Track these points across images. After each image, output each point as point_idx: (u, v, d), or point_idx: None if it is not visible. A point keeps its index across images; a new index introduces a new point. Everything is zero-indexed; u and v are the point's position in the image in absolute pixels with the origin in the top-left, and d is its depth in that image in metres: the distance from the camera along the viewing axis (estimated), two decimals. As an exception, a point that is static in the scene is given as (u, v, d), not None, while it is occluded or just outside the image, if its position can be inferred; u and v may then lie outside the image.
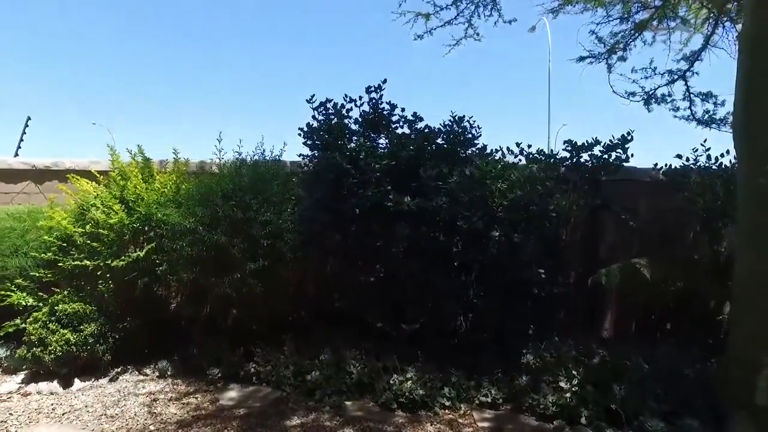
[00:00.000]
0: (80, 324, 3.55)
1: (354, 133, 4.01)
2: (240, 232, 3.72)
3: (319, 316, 4.14)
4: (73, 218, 4.08)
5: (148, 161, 4.34)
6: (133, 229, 3.91)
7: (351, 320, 4.02)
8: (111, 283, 3.85)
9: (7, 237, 4.22)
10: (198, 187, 3.94)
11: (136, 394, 3.37)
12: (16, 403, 3.23)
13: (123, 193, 4.03)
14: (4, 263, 4.07)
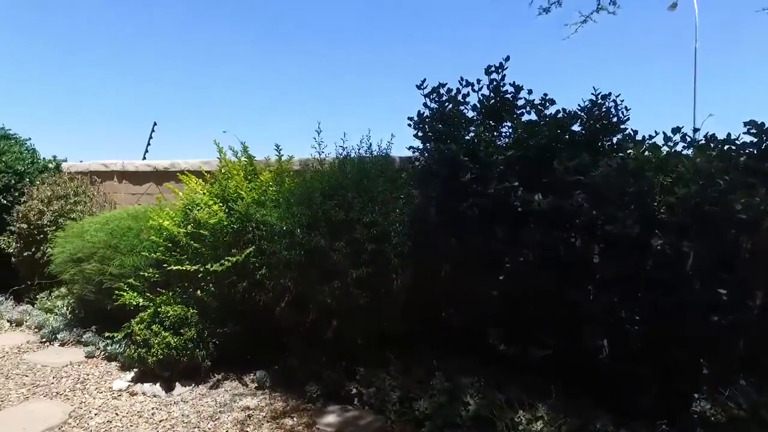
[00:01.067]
0: (181, 327, 3.62)
1: (471, 122, 3.63)
2: (341, 235, 3.53)
3: (429, 331, 3.80)
4: (180, 218, 4.23)
5: (251, 159, 4.38)
6: (233, 230, 3.92)
7: (466, 339, 3.61)
8: (212, 286, 3.91)
9: (126, 236, 4.52)
10: (297, 186, 3.84)
11: (232, 408, 3.32)
12: (123, 402, 3.37)
13: (224, 192, 4.08)
14: (122, 262, 4.34)
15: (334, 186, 3.65)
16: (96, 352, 4.23)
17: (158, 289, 4.06)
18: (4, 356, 4.22)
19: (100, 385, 3.62)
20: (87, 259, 4.49)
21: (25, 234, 5.63)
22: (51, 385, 3.61)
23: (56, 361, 4.09)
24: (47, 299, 5.42)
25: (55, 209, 5.65)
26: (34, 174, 6.26)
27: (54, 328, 4.70)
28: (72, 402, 3.34)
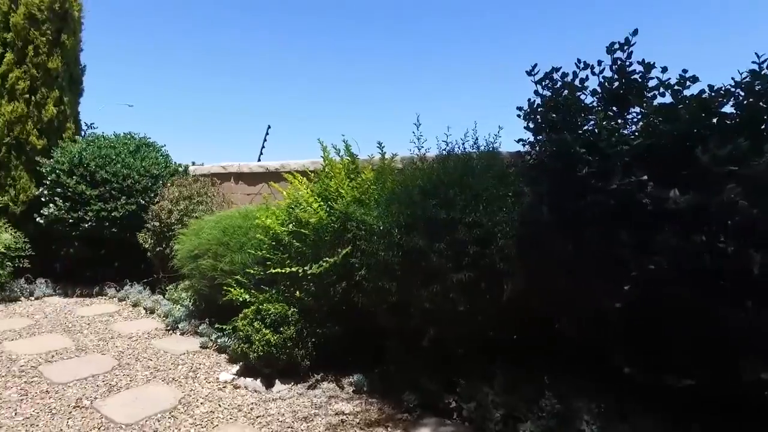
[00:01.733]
0: (281, 326, 3.73)
1: (589, 109, 3.25)
2: (442, 236, 3.37)
3: (538, 345, 3.49)
4: (284, 217, 4.40)
5: (353, 157, 4.41)
6: (334, 230, 3.97)
7: (582, 355, 3.24)
8: (312, 286, 3.99)
9: (236, 234, 4.83)
10: (396, 183, 3.77)
11: (327, 411, 3.35)
12: (227, 395, 3.56)
13: (326, 191, 4.15)
14: (231, 259, 4.64)
15: (435, 183, 3.51)
16: (209, 344, 4.57)
17: (262, 286, 4.27)
18: (137, 340, 4.74)
19: (209, 376, 3.88)
20: (202, 255, 4.88)
21: (157, 231, 6.31)
22: (169, 371, 3.96)
23: (175, 349, 4.49)
24: (174, 291, 6.01)
25: (181, 208, 6.25)
26: (166, 177, 7.00)
27: (176, 318, 5.19)
28: (183, 389, 3.62)
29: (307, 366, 3.83)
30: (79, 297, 6.40)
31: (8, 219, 6.48)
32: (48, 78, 6.65)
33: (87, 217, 6.27)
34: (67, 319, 5.37)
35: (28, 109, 6.53)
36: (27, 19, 6.45)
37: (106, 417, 3.16)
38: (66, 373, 3.87)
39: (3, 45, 6.49)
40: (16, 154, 6.55)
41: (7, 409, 3.27)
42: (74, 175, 6.31)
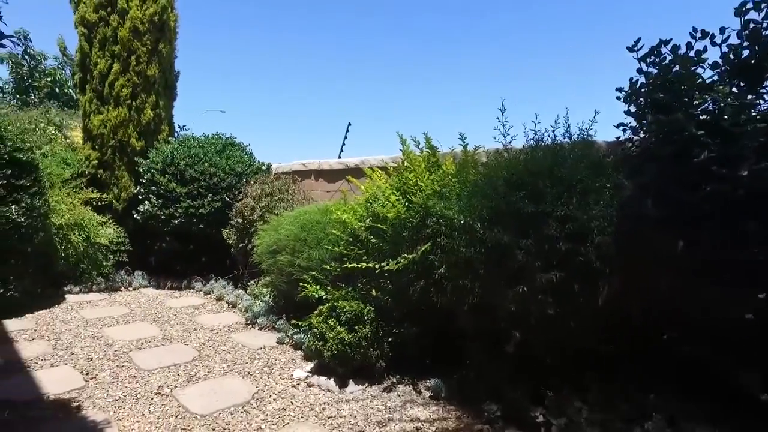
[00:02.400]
0: (356, 324, 3.61)
1: (707, 87, 2.80)
2: (529, 231, 3.08)
3: (641, 357, 3.07)
4: (361, 212, 4.29)
5: (433, 150, 4.22)
6: (412, 225, 3.79)
7: (695, 371, 2.80)
8: (389, 283, 3.84)
9: (313, 230, 4.80)
10: (479, 175, 3.51)
11: (402, 416, 3.17)
12: (300, 392, 3.49)
13: (404, 184, 3.99)
14: (309, 254, 4.61)
15: (522, 173, 3.22)
16: (285, 339, 4.57)
17: (338, 283, 4.19)
18: (218, 333, 4.86)
19: (284, 372, 3.85)
20: (281, 250, 4.91)
21: (240, 227, 6.50)
22: (245, 365, 3.99)
23: (253, 343, 4.54)
24: (255, 287, 6.15)
25: (263, 205, 6.39)
26: (250, 175, 7.21)
27: (255, 313, 5.27)
28: (257, 384, 3.61)
29: (383, 367, 3.68)
30: (170, 289, 6.76)
31: (112, 215, 6.99)
32: (147, 84, 7.12)
33: (177, 214, 6.61)
34: (157, 309, 5.66)
35: (129, 114, 7.03)
36: (131, 32, 6.93)
37: (183, 406, 3.21)
38: (152, 360, 4.03)
39: (112, 56, 7.03)
40: (119, 155, 7.08)
41: (101, 390, 3.44)
42: (166, 174, 6.68)
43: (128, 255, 6.89)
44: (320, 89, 63.41)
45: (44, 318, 5.11)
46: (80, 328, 4.81)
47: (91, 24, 6.98)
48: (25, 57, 14.16)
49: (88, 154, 7.09)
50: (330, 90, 67.19)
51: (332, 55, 64.29)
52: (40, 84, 13.89)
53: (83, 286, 6.31)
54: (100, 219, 6.70)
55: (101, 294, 6.31)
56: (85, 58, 7.09)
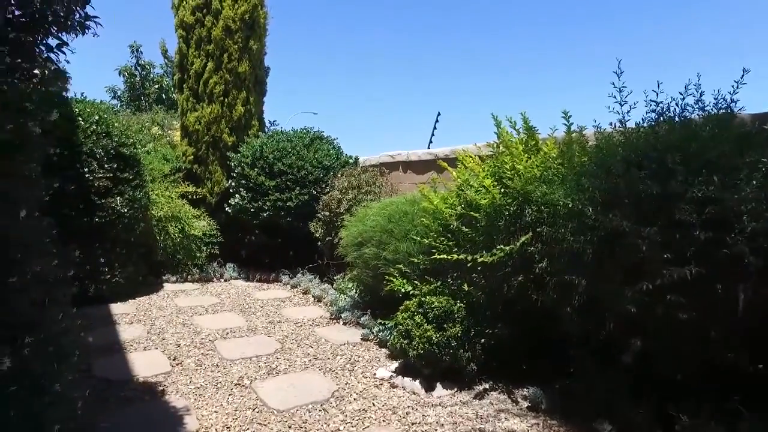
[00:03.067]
0: (445, 322, 3.30)
1: None
2: (654, 217, 2.57)
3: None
4: (452, 200, 3.97)
5: (532, 131, 3.78)
6: (508, 213, 3.40)
7: None
8: (482, 277, 3.48)
9: (401, 221, 4.55)
10: (587, 155, 3.04)
11: (494, 428, 2.83)
12: (382, 393, 3.25)
13: (500, 169, 3.59)
14: (396, 247, 4.36)
15: (643, 148, 2.71)
16: (370, 336, 4.36)
17: (426, 277, 3.90)
18: (302, 326, 4.77)
19: (366, 370, 3.63)
20: (366, 243, 4.71)
21: (327, 220, 6.43)
22: (327, 360, 3.82)
23: (336, 339, 4.38)
24: (342, 281, 6.03)
25: (349, 198, 6.26)
26: (337, 168, 7.14)
27: (340, 308, 5.13)
28: (338, 381, 3.41)
29: (474, 371, 3.32)
30: (258, 282, 6.86)
31: (206, 208, 7.26)
32: (238, 81, 7.31)
33: (265, 207, 6.68)
34: (245, 301, 5.72)
35: (221, 110, 7.26)
36: (224, 30, 7.15)
37: (260, 399, 3.09)
38: (235, 350, 3.99)
39: (206, 56, 7.31)
40: (212, 150, 7.33)
41: (184, 377, 3.43)
42: (255, 168, 6.79)
43: (220, 247, 7.11)
44: (409, 84, 63.76)
45: (143, 304, 5.35)
46: (173, 315, 4.96)
47: (188, 26, 7.29)
48: (137, 68, 15.54)
49: (185, 150, 7.42)
50: (419, 84, 67.39)
51: (420, 49, 64.39)
52: (149, 91, 15.15)
53: (179, 275, 6.59)
54: (194, 212, 6.97)
55: (195, 284, 6.55)
56: (183, 59, 7.43)
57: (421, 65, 67.30)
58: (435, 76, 68.27)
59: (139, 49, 15.60)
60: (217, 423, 2.77)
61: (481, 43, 68.43)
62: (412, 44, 64.28)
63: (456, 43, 71.24)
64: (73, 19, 2.22)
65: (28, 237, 2.06)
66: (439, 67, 67.61)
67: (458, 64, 68.74)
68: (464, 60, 70.81)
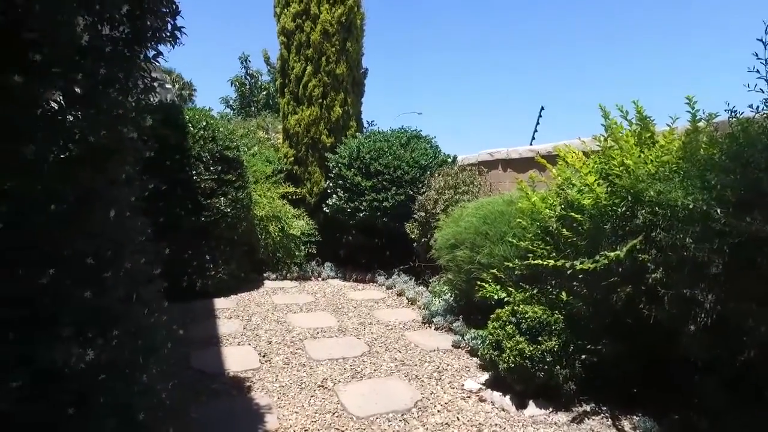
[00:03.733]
0: (539, 334, 3.00)
1: None
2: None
3: None
4: (552, 200, 3.64)
5: (646, 121, 3.32)
6: (616, 215, 3.01)
7: None
8: (584, 286, 3.13)
9: (496, 222, 4.29)
10: (720, 146, 2.57)
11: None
12: (469, 407, 3.04)
13: (607, 165, 3.20)
14: (490, 250, 4.12)
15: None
16: (461, 343, 4.15)
17: (522, 284, 3.61)
18: (392, 329, 4.69)
19: (454, 380, 3.43)
20: (459, 245, 4.50)
21: (423, 221, 6.30)
22: (413, 367, 3.68)
23: (426, 344, 4.22)
24: (437, 283, 5.87)
25: (445, 198, 6.08)
26: (434, 167, 6.98)
27: (432, 312, 4.97)
28: (423, 390, 3.25)
29: (572, 391, 2.98)
30: (354, 282, 6.91)
31: (305, 209, 7.50)
32: (335, 83, 7.45)
33: (362, 207, 6.72)
34: (339, 300, 5.78)
35: (320, 112, 7.44)
36: (322, 34, 7.33)
37: (341, 403, 3.03)
38: (323, 350, 4.00)
39: (305, 60, 7.55)
40: (311, 151, 7.55)
41: (271, 374, 3.50)
42: (352, 168, 6.85)
43: (318, 247, 7.29)
44: (510, 80, 61.53)
45: (243, 300, 5.62)
46: (269, 312, 5.13)
47: (289, 32, 7.58)
48: (246, 77, 16.72)
49: (286, 152, 7.72)
50: (520, 80, 64.77)
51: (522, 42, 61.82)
52: (257, 98, 16.20)
53: (279, 273, 6.85)
54: (294, 212, 7.22)
55: (293, 282, 6.76)
56: (284, 64, 7.74)
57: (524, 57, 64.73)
58: (538, 69, 65.31)
59: (248, 59, 16.82)
60: (296, 424, 2.76)
61: (590, 30, 64.13)
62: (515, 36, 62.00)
63: (564, 31, 67.43)
64: (166, 31, 2.33)
65: (119, 236, 2.18)
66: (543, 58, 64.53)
67: (564, 53, 64.98)
68: (571, 49, 66.71)
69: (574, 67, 64.64)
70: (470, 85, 67.38)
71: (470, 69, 68.04)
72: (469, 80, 66.72)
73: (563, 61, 65.94)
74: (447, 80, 67.68)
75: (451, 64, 64.95)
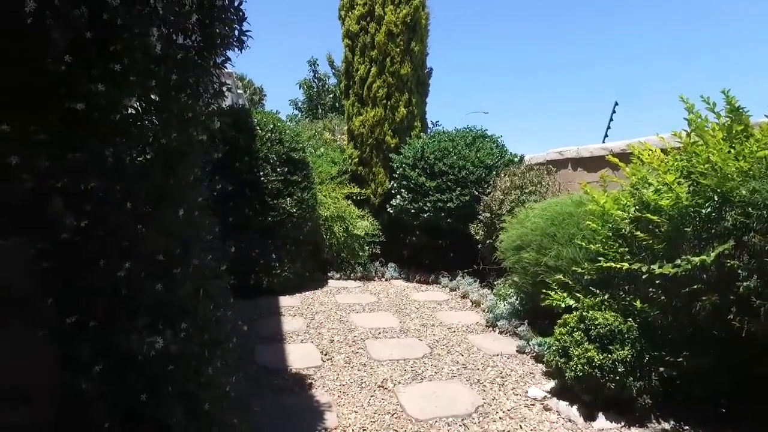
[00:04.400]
0: (611, 342, 2.81)
1: None
2: None
3: None
4: (626, 200, 3.42)
5: (738, 112, 3.03)
6: (699, 217, 2.77)
7: None
8: (661, 293, 2.90)
9: (565, 223, 4.10)
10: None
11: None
12: (533, 415, 2.92)
13: (689, 162, 2.96)
14: (558, 252, 3.94)
15: None
16: (526, 348, 3.99)
17: (592, 288, 3.41)
18: (455, 332, 4.60)
19: (517, 387, 3.29)
20: (525, 246, 4.34)
21: (488, 222, 6.15)
22: (476, 371, 3.58)
23: (489, 348, 4.10)
24: (502, 286, 5.71)
25: (512, 199, 5.90)
26: (500, 167, 6.80)
27: (497, 315, 4.82)
28: (485, 396, 3.14)
29: (647, 405, 2.76)
30: (417, 283, 6.86)
31: (369, 209, 7.55)
32: (400, 83, 7.44)
33: (426, 208, 6.66)
34: (401, 301, 5.76)
35: (384, 113, 7.46)
36: (386, 35, 7.35)
37: (401, 405, 2.99)
38: (384, 351, 3.99)
39: (370, 61, 7.60)
40: (375, 152, 7.58)
41: (332, 372, 3.53)
42: (416, 168, 6.81)
43: (381, 247, 7.30)
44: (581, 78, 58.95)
45: (308, 298, 5.73)
46: (332, 311, 5.19)
47: (353, 34, 7.66)
48: (314, 80, 17.20)
49: (351, 153, 7.80)
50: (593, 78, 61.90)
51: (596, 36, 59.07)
52: (325, 101, 16.63)
53: (343, 273, 6.93)
54: (358, 212, 7.27)
55: (357, 282, 6.81)
56: (348, 67, 7.83)
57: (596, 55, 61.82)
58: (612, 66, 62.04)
59: (316, 63, 17.34)
60: (354, 423, 2.76)
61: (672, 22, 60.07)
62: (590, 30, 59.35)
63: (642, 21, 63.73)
64: (233, 37, 2.41)
65: (188, 234, 2.28)
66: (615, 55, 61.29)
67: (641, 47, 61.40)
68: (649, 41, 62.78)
69: (647, 62, 61.10)
70: (540, 83, 65.33)
71: (539, 67, 65.95)
72: (539, 78, 64.73)
73: (638, 57, 62.48)
74: (515, 79, 65.98)
75: (519, 61, 63.21)
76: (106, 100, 1.82)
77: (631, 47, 62.56)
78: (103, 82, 1.80)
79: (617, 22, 59.36)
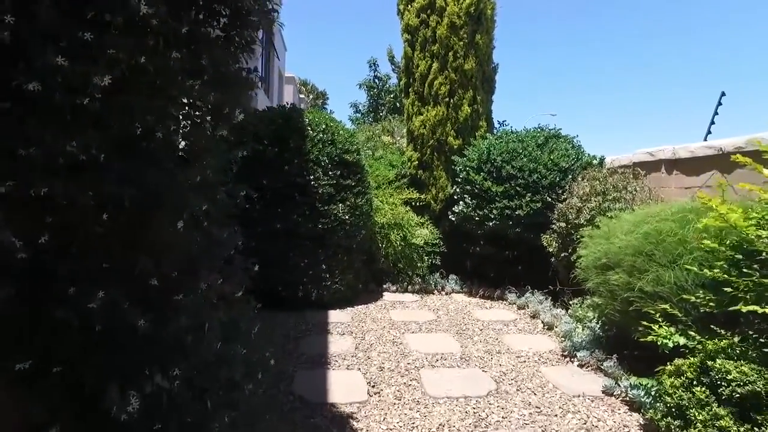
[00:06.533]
0: (755, 409, 2.05)
1: None
2: None
3: None
4: (759, 214, 2.64)
5: None
6: None
7: None
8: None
9: (665, 241, 3.34)
10: None
11: None
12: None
13: None
14: (658, 276, 3.19)
15: None
16: (615, 390, 3.25)
17: (713, 326, 2.64)
18: (525, 361, 3.92)
19: (610, 447, 2.60)
20: (613, 266, 3.59)
21: (563, 233, 5.39)
22: (553, 419, 2.90)
23: (568, 386, 3.39)
24: (579, 308, 4.93)
25: (591, 207, 5.11)
26: (577, 170, 6.01)
27: (576, 343, 4.08)
28: (569, 460, 2.48)
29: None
30: (481, 298, 6.18)
31: (429, 216, 6.95)
32: (463, 79, 6.79)
33: (491, 215, 5.98)
34: (463, 320, 5.10)
35: (447, 112, 6.84)
36: (449, 28, 6.74)
37: (460, 470, 2.40)
38: (441, 384, 3.37)
39: (431, 56, 7.01)
40: (437, 154, 6.96)
41: (379, 411, 2.97)
42: (481, 172, 6.14)
43: (442, 258, 6.68)
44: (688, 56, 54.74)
45: (359, 314, 5.22)
46: (385, 330, 4.64)
47: (413, 29, 7.11)
48: (375, 80, 16.88)
49: (410, 156, 7.22)
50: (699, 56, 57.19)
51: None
52: (385, 101, 16.27)
53: (399, 285, 6.37)
54: (417, 219, 6.69)
55: (414, 295, 6.23)
56: (408, 63, 7.28)
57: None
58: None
59: (376, 63, 17.07)
60: (401, 492, 2.21)
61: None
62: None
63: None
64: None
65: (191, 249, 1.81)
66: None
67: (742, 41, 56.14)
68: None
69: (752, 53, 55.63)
70: (617, 82, 61.76)
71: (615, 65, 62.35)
72: (616, 77, 61.21)
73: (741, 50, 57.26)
74: (589, 76, 62.75)
75: (594, 58, 60.03)
76: (71, 79, 1.37)
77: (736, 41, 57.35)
78: (67, 54, 1.36)
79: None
